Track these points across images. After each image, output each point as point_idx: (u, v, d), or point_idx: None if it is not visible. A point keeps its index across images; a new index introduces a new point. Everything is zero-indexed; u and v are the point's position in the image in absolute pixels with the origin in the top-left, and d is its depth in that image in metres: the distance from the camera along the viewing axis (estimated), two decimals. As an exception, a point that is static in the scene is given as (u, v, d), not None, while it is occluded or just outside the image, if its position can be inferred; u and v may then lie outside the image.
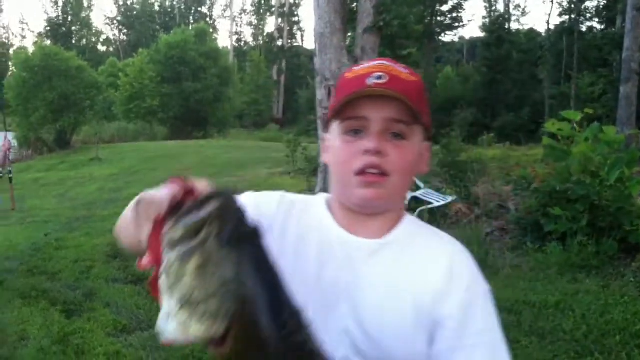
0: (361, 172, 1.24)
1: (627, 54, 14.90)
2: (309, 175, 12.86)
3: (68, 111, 27.00)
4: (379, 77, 1.24)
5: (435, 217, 8.44)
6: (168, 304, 0.89)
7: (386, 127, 1.24)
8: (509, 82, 39.86)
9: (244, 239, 0.91)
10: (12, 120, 26.65)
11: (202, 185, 1.00)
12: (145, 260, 0.97)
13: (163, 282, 0.90)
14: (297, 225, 1.34)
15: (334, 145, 1.31)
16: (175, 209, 0.94)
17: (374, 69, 1.27)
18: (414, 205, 8.57)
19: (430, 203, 8.81)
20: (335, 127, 1.30)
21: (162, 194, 0.98)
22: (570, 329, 4.93)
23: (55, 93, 26.57)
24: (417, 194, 9.03)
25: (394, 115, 1.23)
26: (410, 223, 1.36)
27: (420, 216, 7.84)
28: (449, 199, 9.08)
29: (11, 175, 7.44)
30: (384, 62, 1.31)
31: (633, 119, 14.82)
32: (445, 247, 1.33)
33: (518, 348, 4.64)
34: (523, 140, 24.89)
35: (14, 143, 17.58)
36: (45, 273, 7.47)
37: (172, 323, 0.88)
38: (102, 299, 6.42)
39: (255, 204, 1.30)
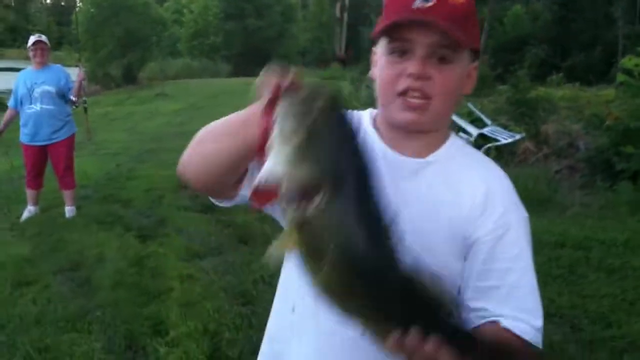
0: (403, 93, 1.26)
1: None
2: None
3: (135, 47, 27.34)
4: (425, 0, 1.21)
5: (503, 155, 8.34)
6: (281, 149, 0.97)
7: (431, 51, 1.23)
8: (581, 20, 38.33)
9: (351, 125, 1.01)
10: (81, 55, 27.15)
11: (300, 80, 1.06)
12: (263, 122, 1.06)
13: (277, 135, 0.98)
14: None
15: (380, 61, 1.31)
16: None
17: None
18: (481, 142, 8.48)
19: (497, 140, 8.70)
20: (382, 43, 1.30)
21: (273, 79, 1.05)
22: (639, 265, 4.88)
23: (122, 28, 26.89)
24: (485, 130, 8.93)
25: (438, 41, 1.22)
26: (454, 145, 1.38)
27: (487, 153, 7.76)
28: (517, 136, 8.94)
29: (86, 106, 7.63)
30: None
31: None
32: (484, 171, 1.36)
33: (586, 283, 4.64)
34: (594, 81, 24.07)
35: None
36: (119, 201, 7.75)
37: (281, 165, 0.97)
38: (174, 225, 6.64)
39: None
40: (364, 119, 1.41)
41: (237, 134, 1.20)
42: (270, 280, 4.93)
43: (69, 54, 25.58)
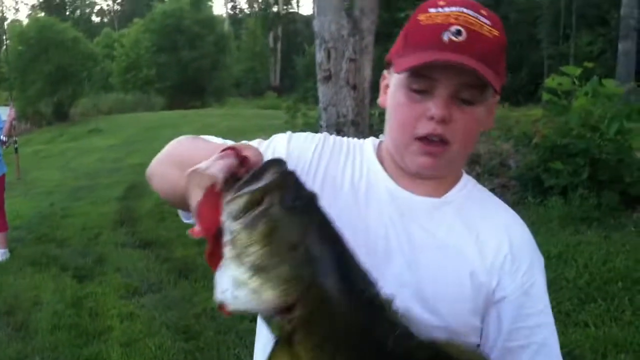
0: (422, 138, 1.14)
1: (625, 10, 14.89)
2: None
3: (65, 83, 26.83)
4: (458, 33, 1.09)
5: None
6: (236, 273, 0.88)
7: (456, 91, 1.12)
8: (507, 42, 39.53)
9: (305, 204, 0.92)
10: (9, 95, 26.56)
11: (252, 154, 0.99)
12: (197, 229, 0.94)
13: (228, 252, 0.89)
14: (342, 173, 1.25)
15: (396, 96, 1.19)
16: (231, 177, 0.94)
17: (453, 19, 1.11)
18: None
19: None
20: (400, 75, 1.17)
21: (217, 166, 0.94)
22: (573, 277, 5.03)
23: (52, 65, 26.39)
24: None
25: (466, 82, 1.11)
26: (468, 183, 1.27)
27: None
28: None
29: (17, 145, 7.47)
30: (465, 9, 1.13)
31: (632, 74, 14.84)
32: (505, 217, 1.25)
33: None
34: (522, 101, 24.82)
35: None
36: (54, 240, 7.58)
37: (243, 291, 0.88)
38: (112, 263, 6.53)
39: (292, 150, 1.25)
40: (366, 151, 1.28)
41: (174, 192, 1.12)
42: (212, 314, 4.90)
43: (-4, 93, 24.98)
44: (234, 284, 0.88)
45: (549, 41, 39.71)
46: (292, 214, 0.89)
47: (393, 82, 1.20)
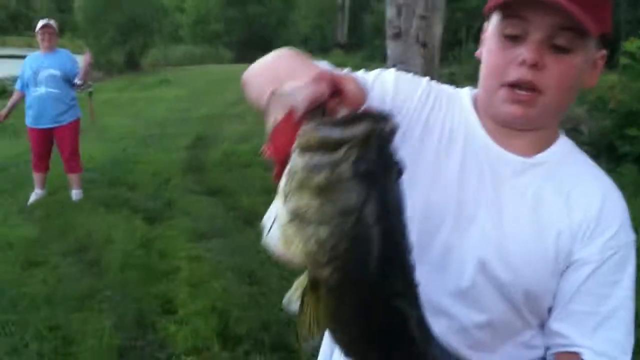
0: (512, 85, 1.10)
1: None
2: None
3: (137, 33, 27.26)
4: None
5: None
6: (279, 207, 0.83)
7: (550, 34, 1.06)
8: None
9: (380, 175, 0.82)
10: (83, 42, 27.13)
11: (352, 88, 0.90)
12: (268, 150, 0.90)
13: (282, 183, 0.84)
14: (442, 123, 1.20)
15: (489, 43, 1.15)
16: (317, 108, 0.85)
17: None
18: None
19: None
20: (494, 21, 1.13)
21: (304, 93, 0.85)
22: (642, 246, 4.92)
23: (124, 15, 26.81)
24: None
25: (560, 23, 1.05)
26: (565, 146, 1.22)
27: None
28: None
29: (91, 90, 7.66)
30: None
31: None
32: (598, 182, 1.20)
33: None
34: (597, 66, 23.98)
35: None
36: (126, 184, 7.79)
37: (276, 231, 0.84)
38: (181, 208, 6.69)
39: (398, 93, 1.19)
40: (463, 100, 1.24)
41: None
42: (276, 261, 4.99)
43: (71, 41, 25.54)
44: (275, 219, 0.84)
45: (628, 4, 38.19)
46: (359, 179, 0.79)
47: (488, 31, 1.16)
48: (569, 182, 1.16)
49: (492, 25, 1.14)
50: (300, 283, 0.89)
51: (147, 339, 3.96)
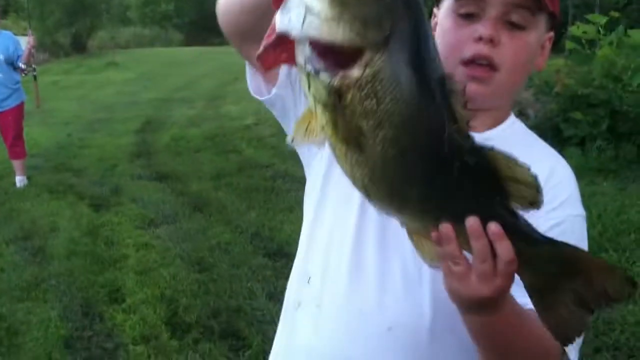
0: (468, 62, 1.09)
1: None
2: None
3: (84, 15, 26.67)
4: None
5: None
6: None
7: (505, 11, 1.08)
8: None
9: None
10: (28, 23, 26.38)
11: None
12: None
13: None
14: None
15: (443, 23, 1.14)
16: None
17: None
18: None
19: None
20: (447, 3, 1.14)
21: None
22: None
23: (70, -4, 26.19)
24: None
25: (517, 1, 1.08)
26: (515, 124, 1.23)
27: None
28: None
29: (35, 73, 7.46)
30: None
31: (659, 27, 14.48)
32: (548, 157, 1.20)
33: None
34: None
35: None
36: (71, 170, 7.66)
37: (315, 18, 0.75)
38: (128, 194, 6.59)
39: None
40: None
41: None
42: (226, 247, 4.97)
43: (16, 22, 24.81)
44: (307, 10, 0.75)
45: (575, -11, 38.92)
46: None
47: (441, 13, 1.15)
48: (519, 153, 1.14)
49: (444, 8, 1.14)
50: (306, 115, 0.82)
51: (94, 328, 3.90)
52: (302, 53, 0.78)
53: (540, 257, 0.86)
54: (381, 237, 1.13)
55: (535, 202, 0.83)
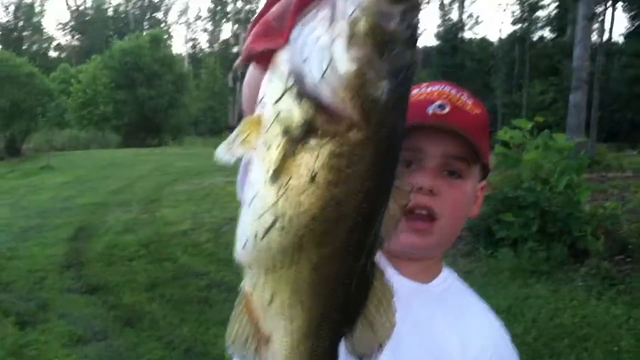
0: (407, 212, 1.08)
1: (577, 63, 15.23)
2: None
3: (19, 118, 26.49)
4: (441, 107, 1.12)
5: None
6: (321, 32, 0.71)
7: (443, 163, 1.11)
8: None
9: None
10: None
11: None
12: None
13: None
14: None
15: None
16: None
17: (436, 96, 1.14)
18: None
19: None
20: None
21: None
22: (521, 332, 5.05)
23: (6, 100, 26.03)
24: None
25: (453, 152, 1.11)
26: (450, 276, 1.25)
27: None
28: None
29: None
30: (448, 87, 1.17)
31: (582, 126, 15.18)
32: (487, 317, 1.24)
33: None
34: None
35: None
36: (-2, 284, 7.35)
37: (324, 49, 0.71)
38: (57, 309, 6.35)
39: None
40: None
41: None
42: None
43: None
44: (330, 64, 0.71)
45: (503, 90, 40.77)
46: (405, 37, 0.72)
47: None
48: (460, 314, 1.18)
49: None
50: (251, 123, 0.76)
51: None
52: (292, 66, 0.72)
53: None
54: None
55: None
